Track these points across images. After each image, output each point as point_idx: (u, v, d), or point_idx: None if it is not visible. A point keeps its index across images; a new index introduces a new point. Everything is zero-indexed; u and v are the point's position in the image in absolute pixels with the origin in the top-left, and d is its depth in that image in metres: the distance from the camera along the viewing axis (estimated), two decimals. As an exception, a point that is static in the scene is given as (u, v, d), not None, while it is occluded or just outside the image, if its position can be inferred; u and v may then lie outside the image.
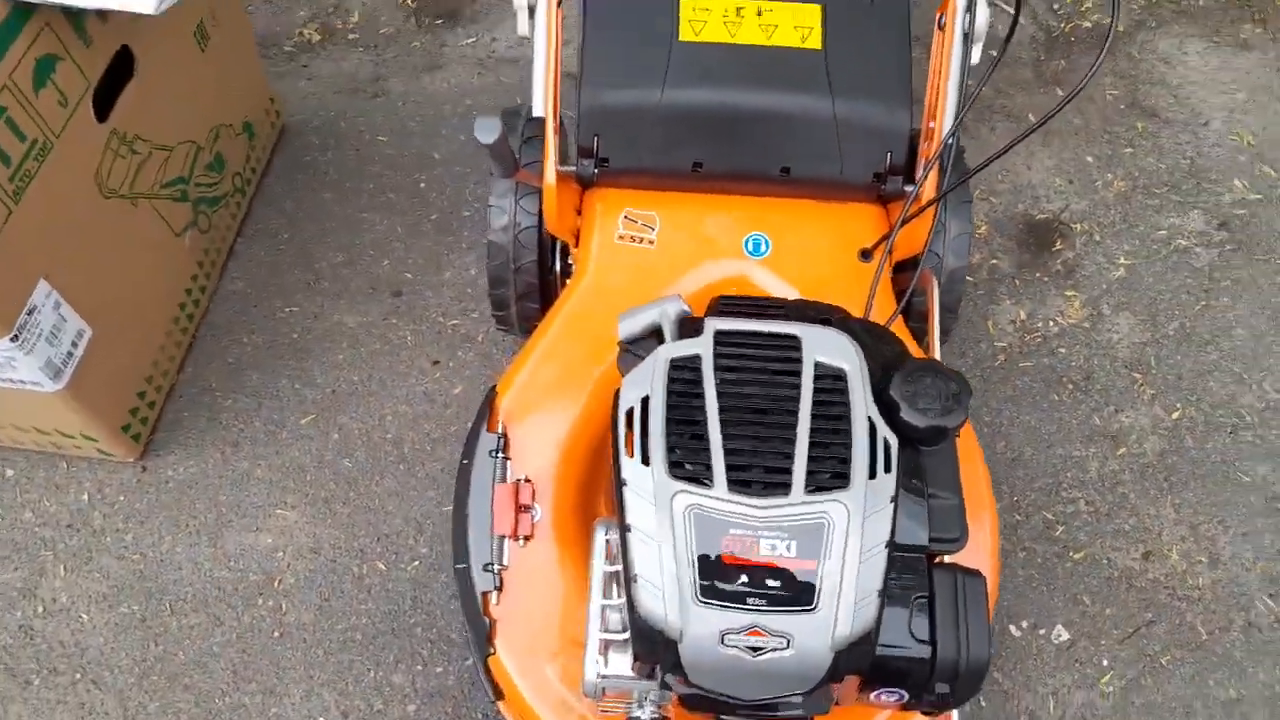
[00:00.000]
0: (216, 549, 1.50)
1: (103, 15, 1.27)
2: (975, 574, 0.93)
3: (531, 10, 1.31)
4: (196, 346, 1.69)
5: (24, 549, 1.49)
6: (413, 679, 1.40)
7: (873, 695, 0.92)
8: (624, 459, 0.89)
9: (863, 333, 1.01)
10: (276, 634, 1.43)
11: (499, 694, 1.19)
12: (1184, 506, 1.59)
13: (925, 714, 1.02)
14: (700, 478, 0.86)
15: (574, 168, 1.32)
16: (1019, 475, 1.61)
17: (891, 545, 0.86)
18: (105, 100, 1.34)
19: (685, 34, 1.28)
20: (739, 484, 0.86)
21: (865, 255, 1.32)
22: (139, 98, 1.40)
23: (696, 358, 0.94)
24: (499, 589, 1.14)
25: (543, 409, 1.24)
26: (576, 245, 1.35)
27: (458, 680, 1.40)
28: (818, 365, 0.93)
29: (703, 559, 0.84)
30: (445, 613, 1.45)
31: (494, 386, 1.26)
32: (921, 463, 0.93)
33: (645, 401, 0.91)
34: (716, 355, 0.93)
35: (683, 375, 0.92)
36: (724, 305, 1.05)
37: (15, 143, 1.17)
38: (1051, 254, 1.88)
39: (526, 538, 1.16)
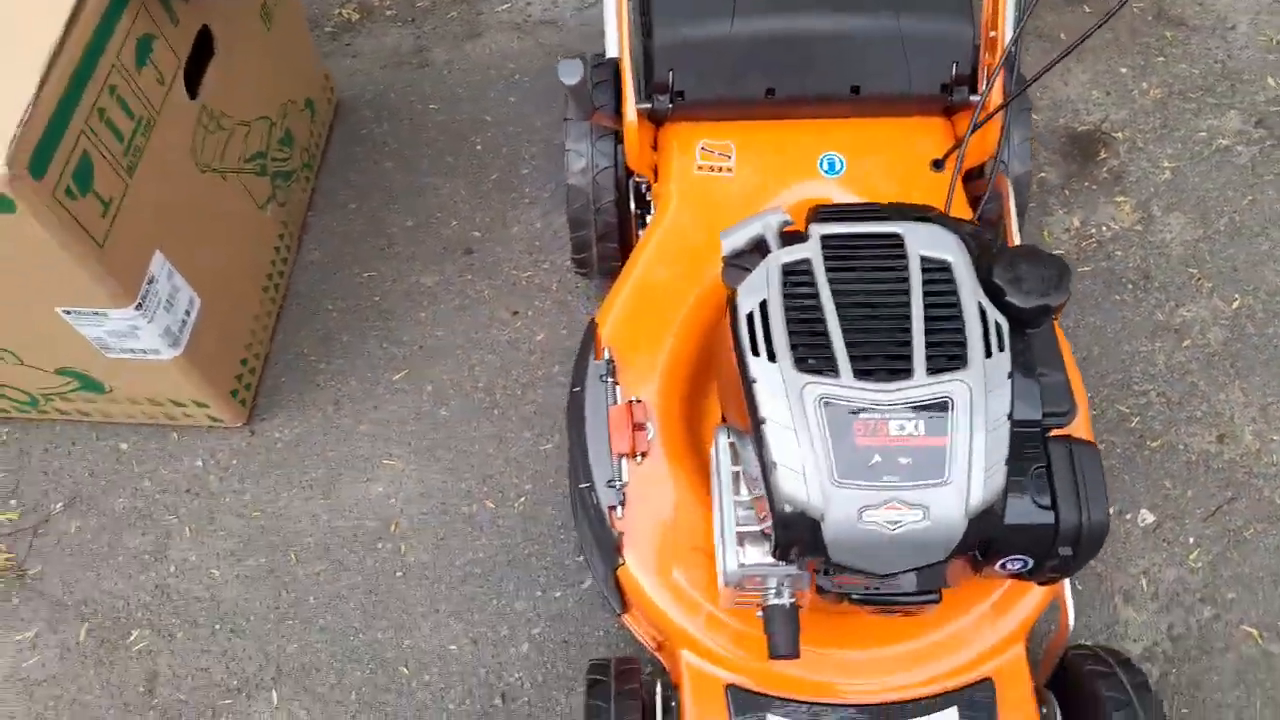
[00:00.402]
0: (331, 500, 1.57)
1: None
2: (1089, 443, 0.99)
3: (599, -47, 1.36)
4: (284, 316, 1.76)
5: (148, 516, 1.57)
6: (533, 604, 1.47)
7: (999, 564, 0.97)
8: (750, 358, 0.95)
9: (959, 226, 1.07)
10: (399, 574, 1.50)
11: (625, 606, 1.25)
12: (1252, 390, 1.64)
13: (1042, 583, 1.07)
14: (824, 369, 0.92)
15: (649, 104, 1.36)
16: (1090, 373, 1.66)
17: (1011, 419, 0.91)
18: (191, 79, 1.40)
19: (748, -38, 1.32)
20: (863, 372, 0.92)
21: (937, 165, 1.36)
22: (221, 75, 1.46)
23: (806, 261, 0.99)
24: (623, 504, 1.20)
25: (642, 334, 1.30)
26: (656, 180, 1.41)
27: (577, 603, 1.47)
28: (923, 259, 0.98)
29: (836, 442, 0.90)
30: (556, 542, 1.52)
31: (593, 318, 1.32)
32: (1028, 343, 0.99)
33: (763, 305, 0.97)
34: (825, 258, 0.99)
35: (796, 279, 0.98)
36: (824, 213, 1.10)
37: (126, 119, 1.23)
38: (1097, 163, 1.92)
39: (643, 454, 1.22)
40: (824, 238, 1.01)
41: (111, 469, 1.61)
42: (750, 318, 0.97)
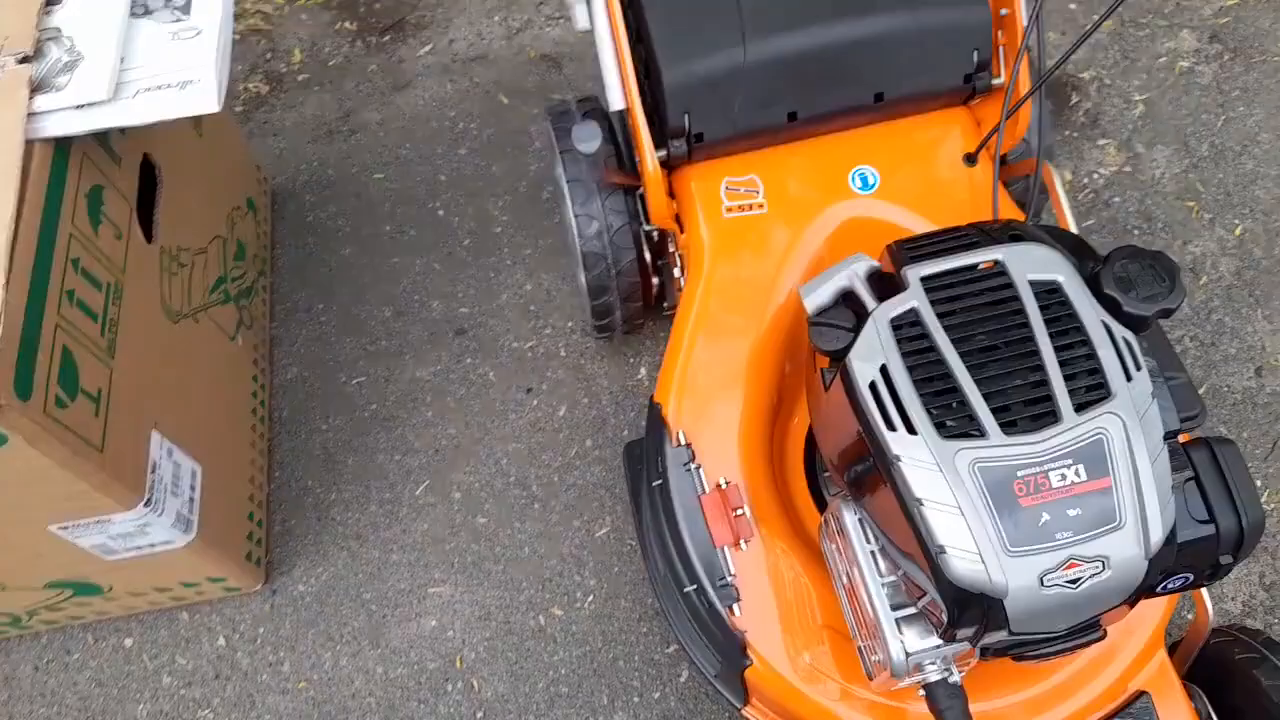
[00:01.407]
0: (382, 649, 1.41)
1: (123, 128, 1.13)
2: (1228, 441, 0.95)
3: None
4: (277, 449, 1.57)
5: (178, 718, 1.38)
6: (633, 712, 1.36)
7: (1159, 587, 0.93)
8: (886, 435, 0.86)
9: (1056, 238, 1.00)
10: (479, 715, 1.37)
11: (746, 700, 1.17)
12: (1275, 316, 1.65)
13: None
14: (969, 431, 0.84)
15: (664, 152, 1.25)
16: (1118, 335, 1.64)
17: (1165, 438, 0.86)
18: (143, 221, 1.20)
19: (748, -17, 1.21)
20: (1008, 425, 0.84)
21: (970, 159, 1.29)
22: (171, 205, 1.26)
23: (914, 311, 0.90)
24: (738, 600, 1.11)
25: (710, 405, 1.20)
26: (682, 231, 1.29)
27: (679, 700, 1.37)
28: (1032, 284, 0.91)
29: (1001, 510, 0.83)
30: (639, 637, 1.41)
31: (654, 401, 1.21)
32: (1147, 349, 0.93)
33: (884, 370, 0.88)
34: (932, 303, 0.90)
35: (909, 333, 0.89)
36: (910, 249, 1.01)
37: (95, 293, 1.04)
38: (1071, 108, 1.89)
39: (745, 540, 1.13)
40: (924, 279, 0.92)
41: (121, 672, 1.41)
42: (874, 388, 0.88)
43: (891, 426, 0.86)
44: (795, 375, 1.26)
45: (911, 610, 0.93)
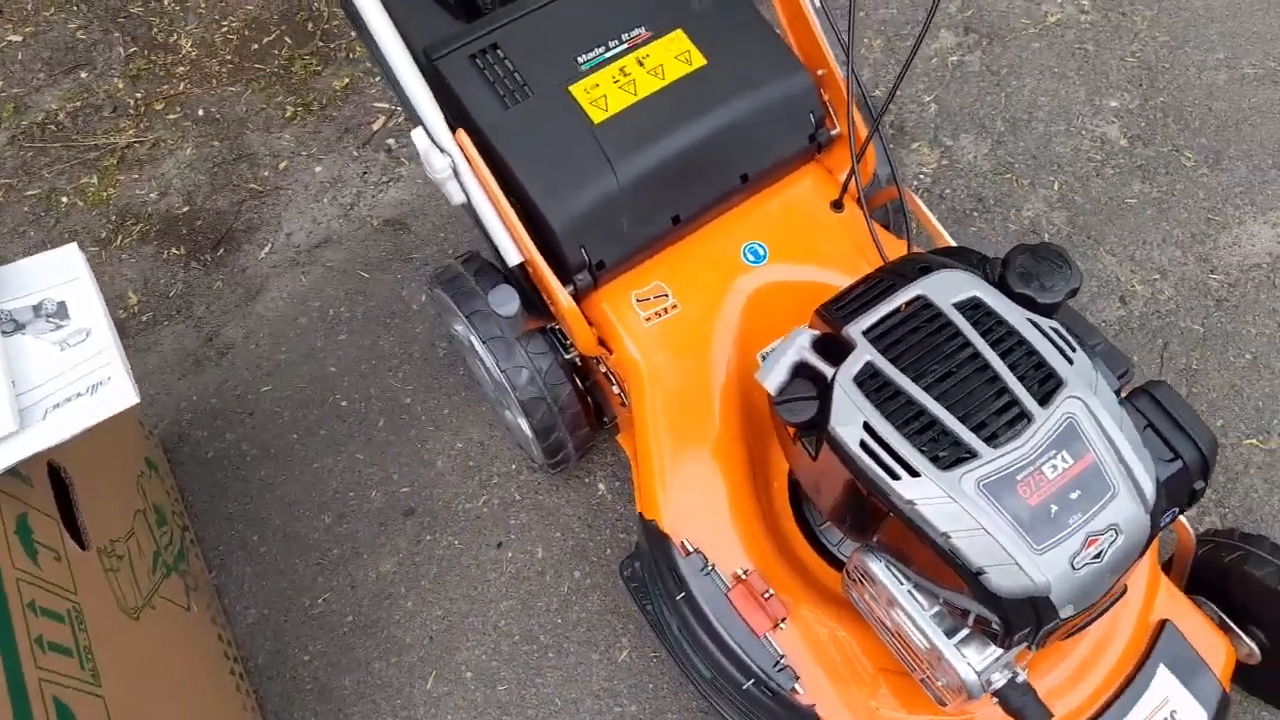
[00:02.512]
0: None
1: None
2: (1159, 383, 1.07)
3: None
4: (266, 698, 1.48)
5: None
6: (726, 817, 1.35)
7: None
8: (892, 485, 0.93)
9: (946, 259, 1.10)
10: None
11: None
12: (1115, 247, 1.84)
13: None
14: (960, 456, 0.92)
15: (571, 287, 1.28)
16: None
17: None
18: (70, 530, 1.13)
19: (596, 116, 1.27)
20: (990, 438, 0.93)
21: (837, 205, 1.39)
22: (86, 501, 1.19)
23: (869, 365, 0.98)
24: (798, 677, 1.14)
25: (698, 505, 1.23)
26: (611, 352, 1.32)
27: (760, 787, 1.36)
28: (957, 306, 1.00)
29: (1016, 516, 0.91)
30: (699, 745, 1.40)
31: (644, 518, 1.23)
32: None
33: (868, 428, 0.95)
34: (882, 351, 0.98)
35: (873, 385, 0.97)
36: (836, 308, 1.08)
37: (61, 627, 0.96)
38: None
39: (783, 620, 1.16)
40: (864, 333, 1.00)
41: None
42: (865, 446, 0.95)
43: (895, 476, 0.92)
44: (759, 444, 1.31)
45: (965, 631, 0.99)
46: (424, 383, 1.76)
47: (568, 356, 1.40)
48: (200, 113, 2.16)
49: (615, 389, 1.38)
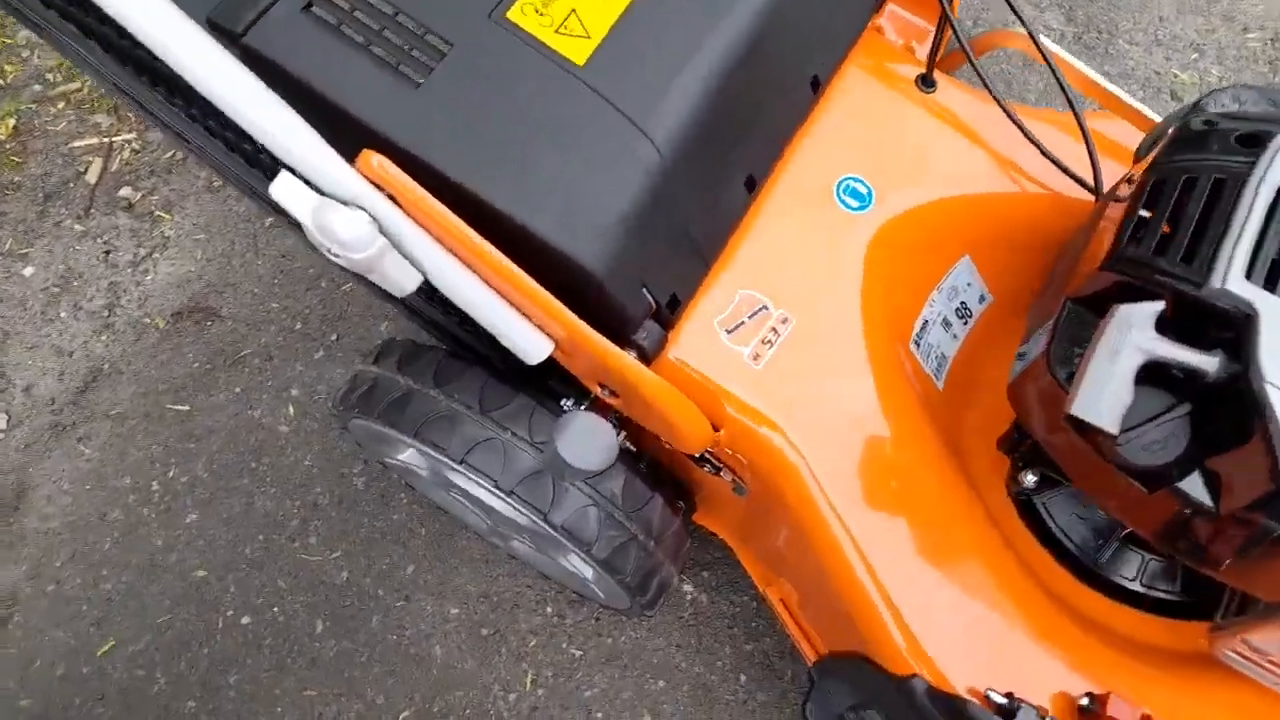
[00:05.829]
0: None
1: None
2: None
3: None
4: None
5: None
6: None
7: None
8: None
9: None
10: None
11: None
12: (1133, 34, 1.47)
13: None
14: None
15: (635, 350, 0.73)
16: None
17: None
18: None
19: (576, 54, 0.70)
20: None
21: (927, 81, 0.92)
22: None
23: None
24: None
25: (971, 622, 0.79)
26: (718, 429, 0.79)
27: None
28: None
29: None
30: None
31: (904, 678, 0.76)
32: None
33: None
34: None
35: None
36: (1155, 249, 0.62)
37: None
38: None
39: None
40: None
41: None
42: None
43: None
44: (972, 498, 0.84)
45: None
46: (356, 540, 1.13)
47: (637, 454, 0.85)
48: None
49: (725, 475, 0.86)
